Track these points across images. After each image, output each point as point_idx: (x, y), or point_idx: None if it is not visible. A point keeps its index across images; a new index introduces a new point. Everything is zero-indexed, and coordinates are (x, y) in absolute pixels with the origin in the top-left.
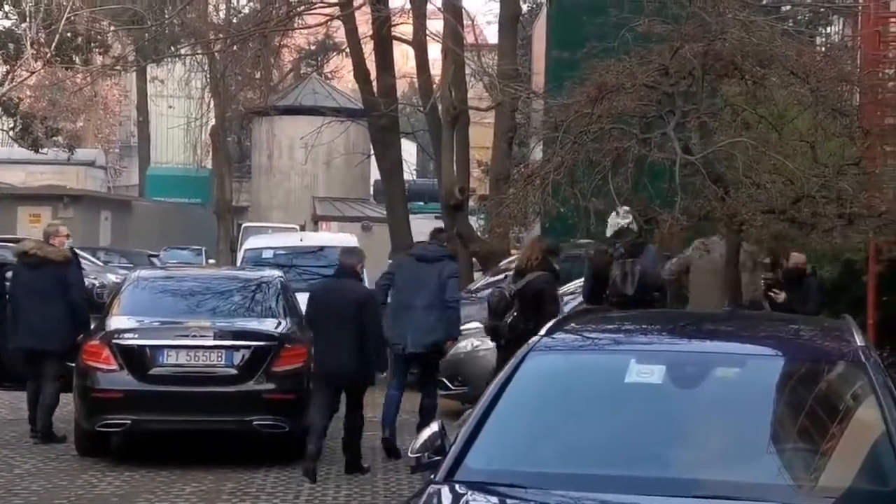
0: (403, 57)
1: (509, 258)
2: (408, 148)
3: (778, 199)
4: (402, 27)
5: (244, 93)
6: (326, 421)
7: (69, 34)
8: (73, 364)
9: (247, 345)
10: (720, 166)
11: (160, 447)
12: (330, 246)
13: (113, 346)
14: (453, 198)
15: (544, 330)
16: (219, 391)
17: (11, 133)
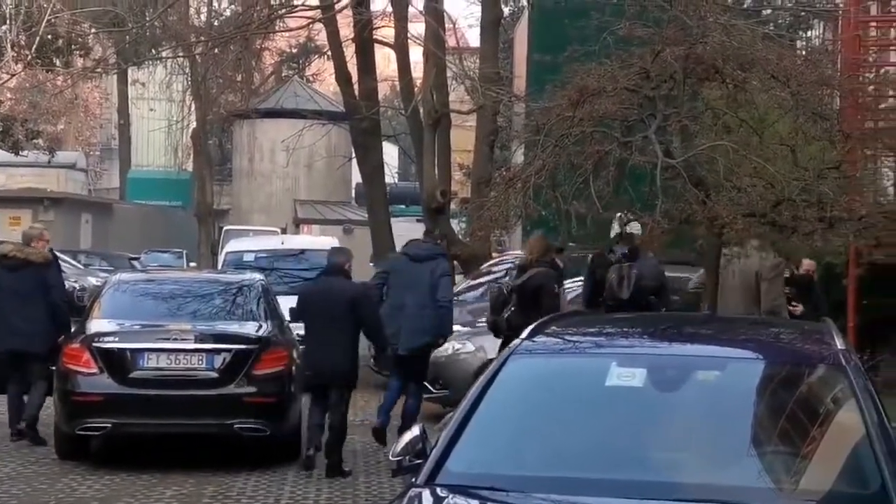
0: (385, 60)
1: (490, 261)
2: (389, 151)
3: (759, 203)
4: (384, 30)
5: (225, 96)
6: (322, 419)
7: (50, 36)
8: (54, 367)
9: (228, 348)
10: (701, 170)
11: (141, 451)
12: (311, 249)
13: (93, 350)
14: (435, 201)
15: (526, 333)
16: (199, 394)
17: None
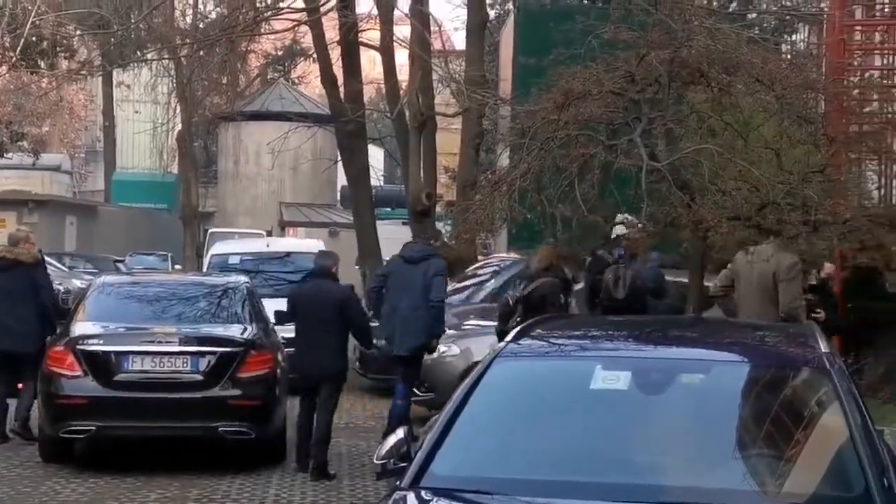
0: (371, 63)
1: (476, 264)
2: (375, 154)
3: (743, 206)
4: (370, 33)
5: (211, 98)
6: (311, 422)
7: (34, 38)
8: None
9: (212, 351)
10: (686, 173)
11: (125, 454)
12: (296, 252)
13: (77, 352)
14: (420, 204)
15: (510, 336)
16: (184, 397)
17: None
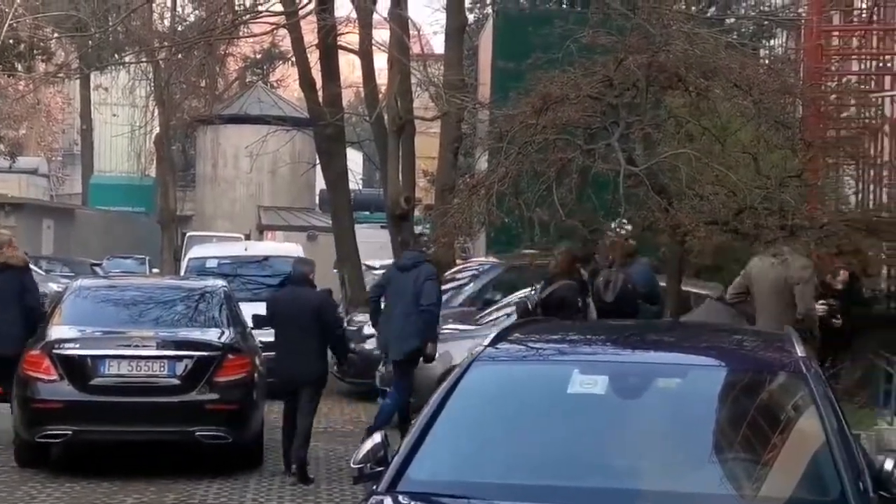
0: (349, 66)
1: (454, 268)
2: (354, 157)
3: (721, 211)
4: (349, 36)
5: (189, 101)
6: (294, 422)
7: (11, 41)
8: None
9: (189, 355)
10: (664, 177)
11: (101, 458)
12: (275, 255)
13: (53, 356)
14: (399, 208)
15: (488, 340)
16: (161, 401)
17: None
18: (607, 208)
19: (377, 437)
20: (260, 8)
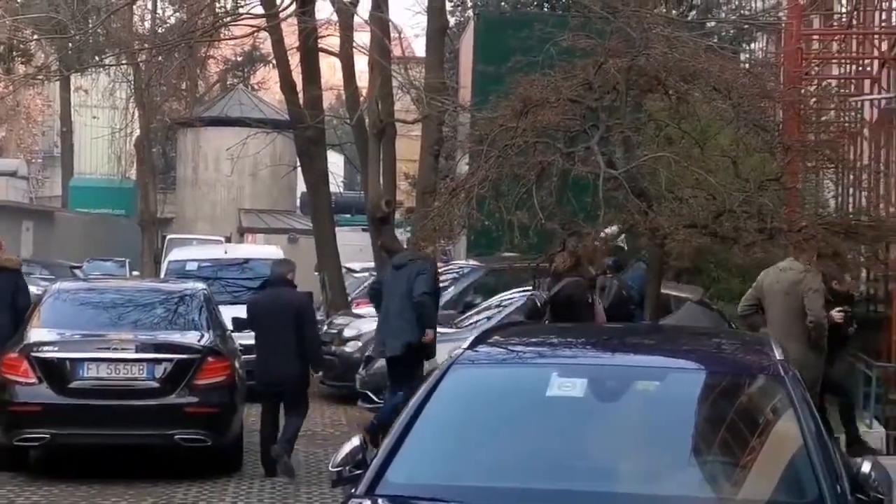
0: (331, 69)
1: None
2: (335, 160)
3: (700, 214)
4: (329, 39)
5: (169, 103)
6: (275, 426)
7: None
8: None
9: (169, 358)
10: (643, 181)
11: (80, 462)
12: (255, 258)
13: (32, 359)
14: (380, 210)
15: (467, 343)
16: (140, 405)
17: None
18: (587, 211)
19: (355, 441)
20: (241, 10)
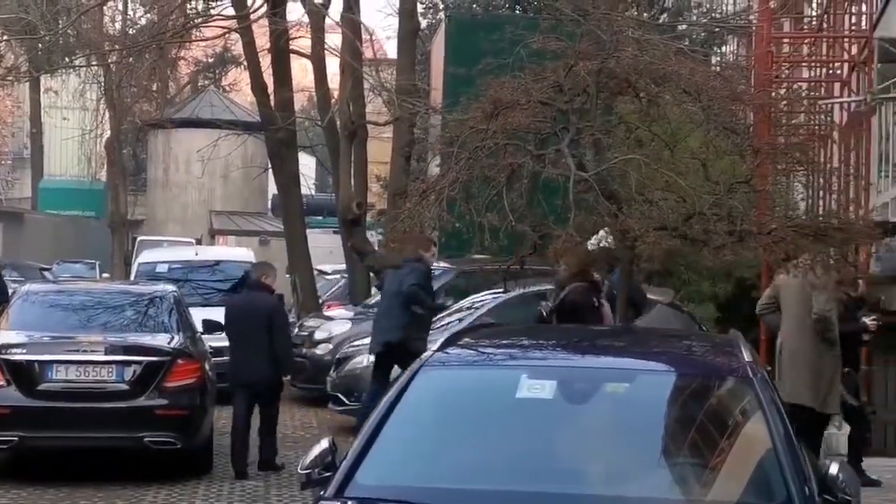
0: (302, 70)
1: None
2: (306, 162)
3: (670, 216)
4: (301, 41)
5: (140, 105)
6: (246, 425)
7: None
8: None
9: (138, 360)
10: (613, 183)
11: (49, 464)
12: (226, 260)
13: (0, 362)
14: (351, 212)
15: (437, 345)
16: (109, 407)
17: None
18: (557, 213)
19: (324, 443)
20: (212, 12)
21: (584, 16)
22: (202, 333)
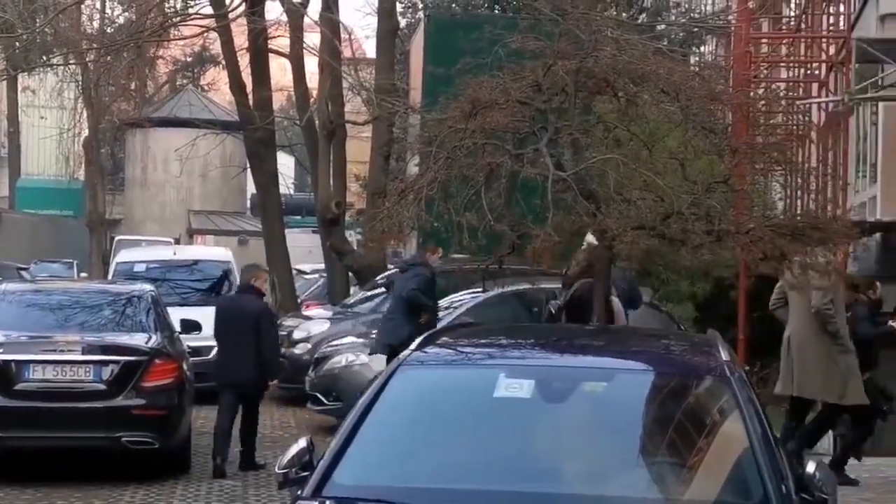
0: (281, 70)
1: (386, 272)
2: (285, 161)
3: (648, 216)
4: (279, 40)
5: (118, 104)
6: (229, 424)
7: None
8: None
9: (116, 359)
10: (592, 182)
11: (26, 464)
12: (204, 260)
13: None
14: (330, 212)
15: (415, 344)
16: (86, 407)
17: None
18: (536, 213)
19: (302, 442)
20: (190, 10)
21: (563, 15)
22: (180, 333)
